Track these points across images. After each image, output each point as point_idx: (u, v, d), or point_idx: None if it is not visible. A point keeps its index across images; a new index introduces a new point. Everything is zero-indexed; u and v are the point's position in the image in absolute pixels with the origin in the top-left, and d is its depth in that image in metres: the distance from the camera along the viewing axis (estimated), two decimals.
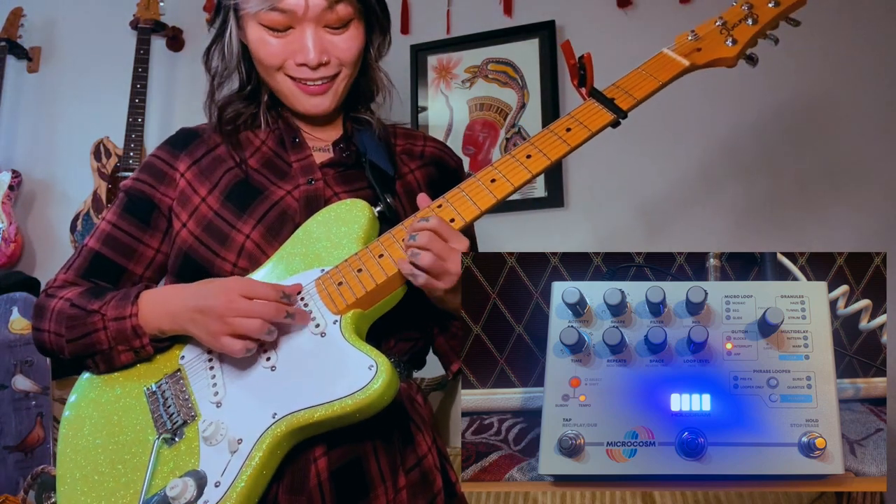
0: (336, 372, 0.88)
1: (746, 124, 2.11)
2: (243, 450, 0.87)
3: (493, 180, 0.97)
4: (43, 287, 1.09)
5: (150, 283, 1.07)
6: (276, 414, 0.88)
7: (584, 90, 1.01)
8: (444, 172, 1.17)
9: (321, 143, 1.12)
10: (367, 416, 0.87)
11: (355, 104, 1.16)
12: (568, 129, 0.98)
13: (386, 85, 1.17)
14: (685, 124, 2.16)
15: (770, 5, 1.05)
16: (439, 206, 0.97)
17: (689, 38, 1.05)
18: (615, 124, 1.00)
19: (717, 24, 1.05)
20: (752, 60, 1.06)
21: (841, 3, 2.06)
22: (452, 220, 0.95)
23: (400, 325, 1.03)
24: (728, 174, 2.11)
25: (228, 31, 1.08)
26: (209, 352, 0.97)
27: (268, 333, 0.89)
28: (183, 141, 1.13)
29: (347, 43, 1.06)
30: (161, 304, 0.97)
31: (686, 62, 1.03)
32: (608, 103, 0.99)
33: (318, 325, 0.93)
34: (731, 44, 1.04)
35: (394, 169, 1.11)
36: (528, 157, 0.97)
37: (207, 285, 0.94)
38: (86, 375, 1.03)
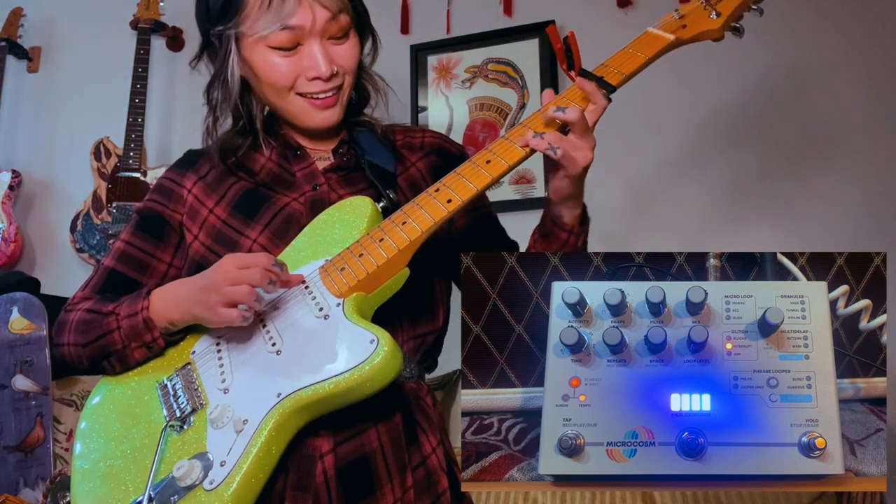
0: (339, 348, 0.90)
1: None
2: (249, 429, 0.88)
3: (488, 161, 0.98)
4: (63, 308, 1.12)
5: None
6: (280, 393, 0.89)
7: (573, 73, 1.02)
8: (447, 159, 1.17)
9: (322, 153, 1.15)
10: (373, 392, 0.88)
11: (353, 111, 1.18)
12: (558, 109, 0.99)
13: (382, 87, 1.19)
14: (684, 120, 2.16)
15: None
16: (437, 190, 0.98)
17: (674, 16, 1.08)
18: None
19: (700, 1, 1.08)
20: (738, 31, 1.08)
21: None
22: (450, 201, 0.97)
23: (407, 321, 1.05)
24: (728, 165, 2.12)
25: (230, 61, 1.08)
26: (217, 342, 0.99)
27: (256, 300, 0.92)
28: (190, 161, 1.17)
29: (349, 52, 1.09)
30: (170, 295, 1.01)
31: (671, 36, 1.04)
32: (597, 80, 1.00)
33: (321, 309, 0.94)
34: (715, 16, 1.05)
35: (395, 164, 1.13)
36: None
37: (208, 268, 0.98)
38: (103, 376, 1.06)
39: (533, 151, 0.97)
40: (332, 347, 0.90)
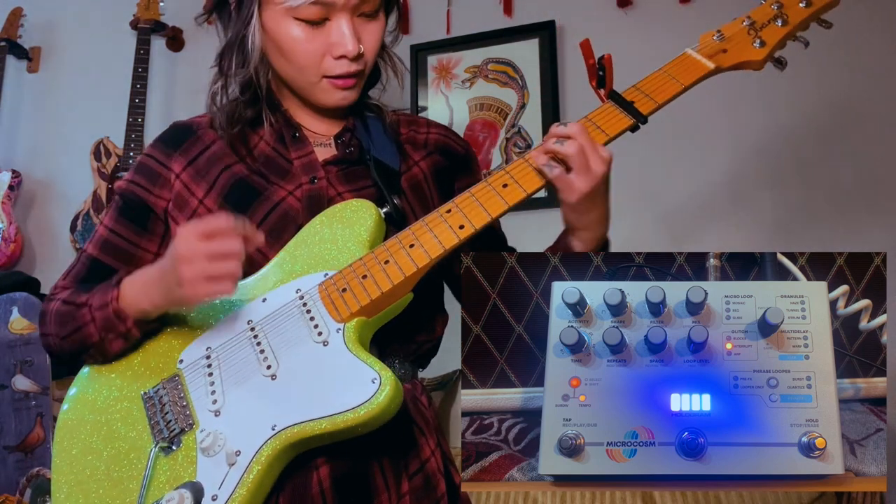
0: (338, 384, 0.86)
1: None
2: (241, 462, 0.85)
3: (504, 185, 0.94)
4: (46, 297, 1.08)
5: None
6: (275, 426, 0.86)
7: (602, 92, 0.97)
8: (452, 159, 1.13)
9: (322, 139, 1.09)
10: (370, 430, 0.86)
11: (363, 93, 1.12)
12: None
13: (401, 70, 1.14)
14: (687, 120, 2.15)
15: (801, 5, 1.00)
16: (448, 212, 0.94)
17: (715, 37, 1.00)
18: (634, 128, 0.96)
19: (744, 23, 1.00)
20: (780, 64, 1.01)
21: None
22: (462, 227, 0.92)
23: (407, 327, 1.01)
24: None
25: (252, 27, 1.02)
26: (208, 356, 0.95)
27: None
28: (177, 138, 1.09)
29: (376, 33, 1.04)
30: (137, 283, 0.96)
31: (711, 65, 0.97)
32: (628, 107, 0.94)
33: (320, 333, 0.90)
34: (758, 45, 0.98)
35: (399, 162, 1.08)
36: None
37: (167, 251, 0.93)
38: (84, 372, 1.02)
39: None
40: (331, 381, 0.87)
